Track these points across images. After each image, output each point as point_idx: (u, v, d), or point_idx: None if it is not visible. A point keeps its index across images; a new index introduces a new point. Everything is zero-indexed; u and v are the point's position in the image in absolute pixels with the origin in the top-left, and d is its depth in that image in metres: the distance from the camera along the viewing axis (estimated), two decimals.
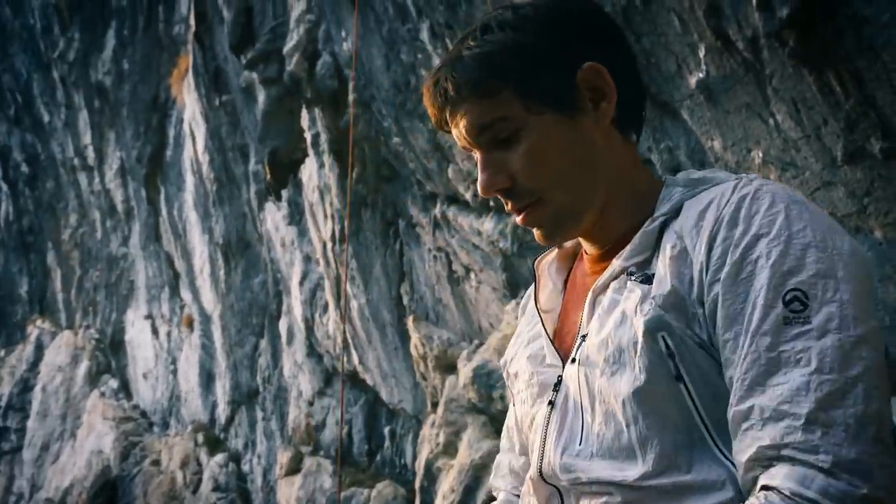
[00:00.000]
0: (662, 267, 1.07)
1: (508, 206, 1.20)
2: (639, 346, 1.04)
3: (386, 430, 9.16)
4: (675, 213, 1.12)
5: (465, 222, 6.83)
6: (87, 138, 15.67)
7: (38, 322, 19.06)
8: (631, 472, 1.05)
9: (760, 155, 4.11)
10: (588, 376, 1.11)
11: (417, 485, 6.93)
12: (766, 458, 0.94)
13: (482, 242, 6.71)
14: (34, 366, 18.08)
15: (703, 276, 1.03)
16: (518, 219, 1.20)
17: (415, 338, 7.69)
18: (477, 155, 1.19)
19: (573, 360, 1.16)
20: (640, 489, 1.05)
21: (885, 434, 0.92)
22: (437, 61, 6.25)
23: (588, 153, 1.17)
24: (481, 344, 6.81)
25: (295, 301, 10.25)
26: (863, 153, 3.70)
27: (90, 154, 15.70)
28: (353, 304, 8.91)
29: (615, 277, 1.14)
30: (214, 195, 11.69)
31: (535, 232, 1.20)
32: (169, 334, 14.25)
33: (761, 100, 3.92)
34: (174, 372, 14.12)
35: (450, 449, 6.46)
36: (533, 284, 1.35)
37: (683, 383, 1.02)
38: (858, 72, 3.48)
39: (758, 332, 0.97)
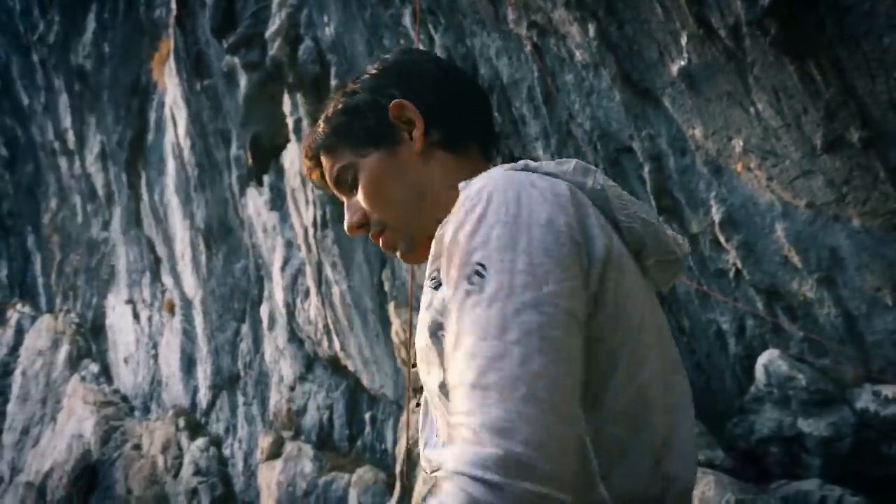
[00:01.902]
0: (443, 278, 1.16)
1: (372, 238, 1.38)
2: (430, 347, 1.15)
3: (367, 416, 9.17)
4: None
5: None
6: (67, 122, 15.54)
7: (18, 306, 18.94)
8: None
9: (741, 143, 4.13)
10: (423, 378, 1.23)
11: (398, 470, 6.95)
12: (453, 428, 0.98)
13: None
14: (14, 350, 17.99)
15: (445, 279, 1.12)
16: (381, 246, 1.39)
17: (396, 324, 7.70)
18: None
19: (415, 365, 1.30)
20: None
21: (542, 392, 0.94)
22: (419, 47, 6.24)
23: (411, 179, 1.33)
24: None
25: (276, 286, 10.23)
26: (842, 142, 3.72)
27: (70, 138, 15.58)
28: (335, 290, 8.90)
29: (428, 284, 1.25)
30: (196, 180, 11.63)
31: (397, 255, 1.38)
32: (150, 319, 14.19)
33: (742, 88, 3.93)
34: (155, 356, 14.08)
35: None
36: None
37: None
38: (839, 61, 3.49)
39: (452, 311, 1.04)
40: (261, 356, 11.07)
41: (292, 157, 9.11)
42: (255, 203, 10.35)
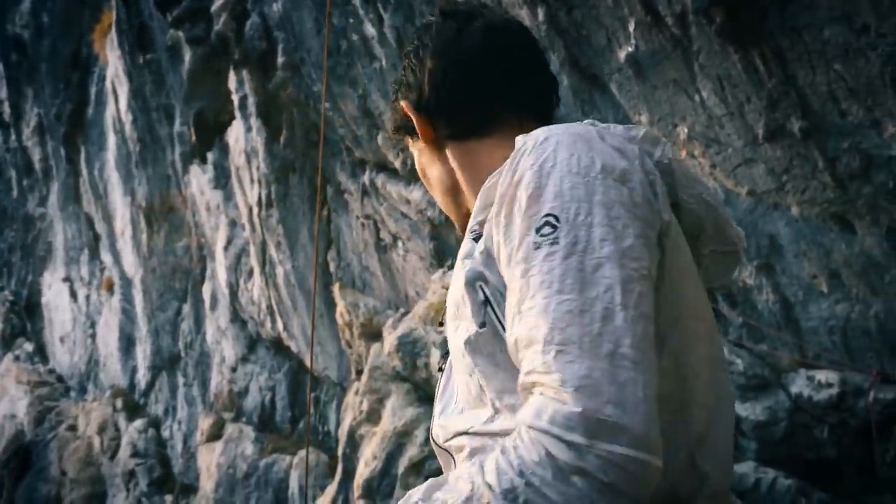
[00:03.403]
0: (486, 228, 1.11)
1: None
2: (465, 298, 1.09)
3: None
4: None
5: (394, 190, 6.80)
6: (2, 93, 15.13)
7: None
8: (482, 418, 1.08)
9: (685, 130, 4.18)
10: (450, 337, 1.15)
11: (340, 451, 6.93)
12: (525, 386, 0.94)
13: (410, 211, 6.69)
14: None
15: (494, 227, 1.07)
16: None
17: (341, 305, 7.66)
18: None
19: (441, 324, 1.23)
20: (481, 435, 1.07)
21: (626, 349, 0.90)
22: (368, 26, 6.17)
23: (437, 174, 1.33)
24: (407, 312, 6.82)
25: (219, 266, 10.10)
26: (783, 132, 3.79)
27: (6, 110, 15.17)
28: (279, 270, 8.82)
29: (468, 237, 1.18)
30: (137, 156, 11.41)
31: None
32: (88, 297, 13.92)
33: (688, 76, 3.98)
34: (93, 336, 13.82)
35: (373, 416, 6.47)
36: None
37: (496, 329, 1.05)
38: (781, 51, 3.55)
39: (517, 262, 0.99)
40: (202, 336, 10.93)
41: (237, 135, 8.98)
42: (199, 181, 10.19)
